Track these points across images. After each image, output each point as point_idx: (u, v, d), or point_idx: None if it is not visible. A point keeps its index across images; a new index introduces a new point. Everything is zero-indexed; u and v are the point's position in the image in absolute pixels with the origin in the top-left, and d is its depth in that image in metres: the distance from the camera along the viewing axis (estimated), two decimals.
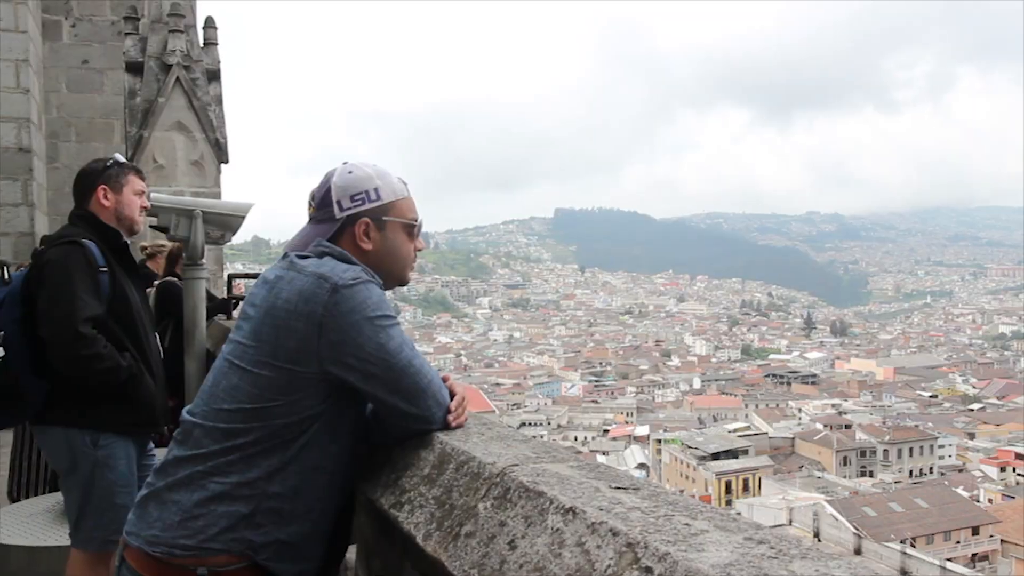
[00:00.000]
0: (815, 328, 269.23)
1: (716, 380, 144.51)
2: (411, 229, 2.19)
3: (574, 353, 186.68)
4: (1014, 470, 74.01)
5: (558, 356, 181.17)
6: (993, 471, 75.07)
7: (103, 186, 3.57)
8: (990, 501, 60.58)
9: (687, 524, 1.17)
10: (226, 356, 1.99)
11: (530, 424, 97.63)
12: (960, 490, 59.17)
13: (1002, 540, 47.09)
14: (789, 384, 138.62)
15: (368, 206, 2.10)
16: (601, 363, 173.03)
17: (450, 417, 2.08)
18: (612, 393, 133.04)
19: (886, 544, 39.72)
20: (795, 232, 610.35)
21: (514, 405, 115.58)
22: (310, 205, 2.17)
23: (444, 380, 2.13)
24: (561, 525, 1.27)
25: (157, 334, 4.08)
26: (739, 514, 49.20)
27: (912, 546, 40.68)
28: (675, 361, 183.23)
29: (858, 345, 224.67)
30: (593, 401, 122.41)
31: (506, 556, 1.34)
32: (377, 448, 2.18)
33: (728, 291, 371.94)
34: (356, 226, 2.10)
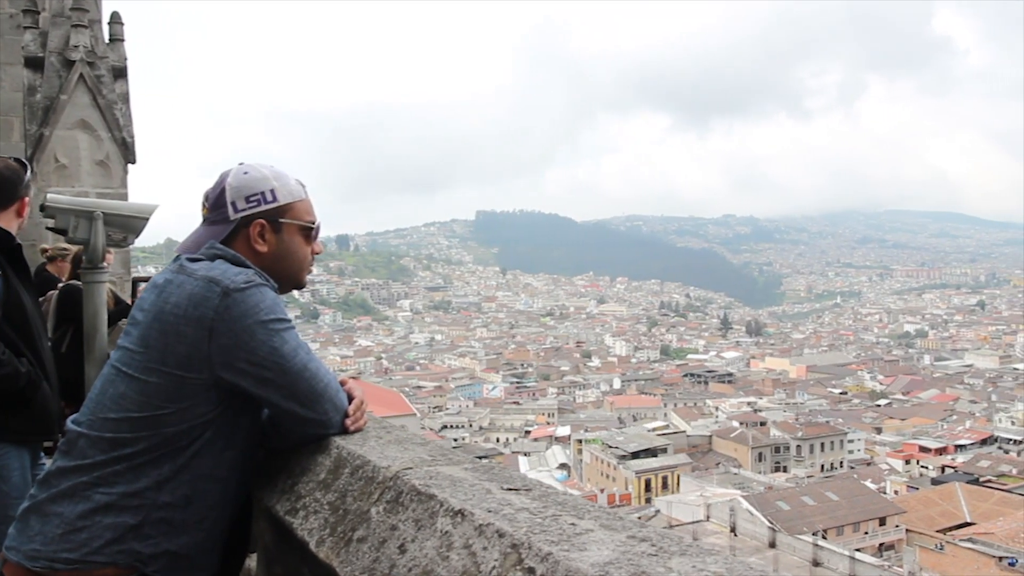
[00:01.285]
0: (731, 328, 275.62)
1: (636, 380, 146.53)
2: (308, 232, 2.16)
3: (495, 355, 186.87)
4: (918, 463, 77.23)
5: (479, 358, 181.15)
6: (899, 464, 78.19)
7: (26, 198, 3.44)
8: (896, 493, 63.02)
9: (573, 524, 1.19)
10: (113, 363, 1.93)
11: (452, 426, 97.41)
12: (868, 483, 61.32)
13: (907, 530, 49.02)
14: (706, 383, 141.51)
15: (264, 208, 2.05)
16: (522, 365, 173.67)
17: (348, 421, 2.03)
18: (533, 394, 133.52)
19: (799, 537, 40.83)
20: (712, 234, 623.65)
21: (436, 408, 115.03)
22: (203, 206, 2.12)
23: (342, 384, 2.10)
24: (450, 528, 1.29)
25: (55, 339, 3.91)
26: (658, 511, 50.01)
27: (823, 538, 41.90)
28: (595, 362, 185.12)
29: (772, 344, 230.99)
30: (515, 402, 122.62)
31: (396, 560, 1.36)
32: (274, 454, 2.15)
33: (647, 292, 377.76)
34: (251, 228, 2.05)
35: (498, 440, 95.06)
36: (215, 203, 2.07)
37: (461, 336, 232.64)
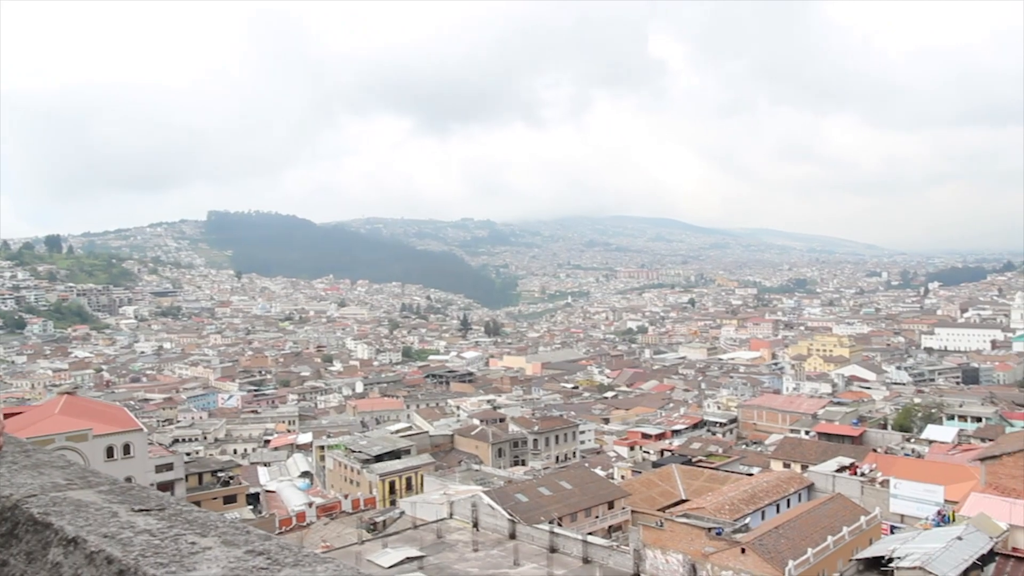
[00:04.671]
0: (471, 329, 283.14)
1: (378, 383, 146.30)
2: None
3: (231, 362, 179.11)
4: (641, 448, 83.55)
5: (214, 366, 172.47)
6: (624, 451, 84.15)
7: None
8: (623, 477, 67.79)
9: (193, 543, 1.18)
10: None
11: (184, 440, 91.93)
12: (598, 470, 65.51)
13: (632, 511, 52.95)
14: (448, 383, 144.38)
15: None
16: (260, 372, 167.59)
17: None
18: (273, 402, 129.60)
19: (537, 526, 42.62)
20: (451, 237, 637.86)
21: (165, 421, 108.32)
22: None
23: None
24: (61, 558, 1.23)
25: None
26: (402, 513, 50.05)
27: (559, 525, 44.04)
28: (337, 366, 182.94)
29: (509, 343, 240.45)
30: (253, 411, 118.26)
31: None
32: None
33: (388, 295, 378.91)
34: None
35: (235, 452, 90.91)
36: None
37: (193, 344, 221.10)
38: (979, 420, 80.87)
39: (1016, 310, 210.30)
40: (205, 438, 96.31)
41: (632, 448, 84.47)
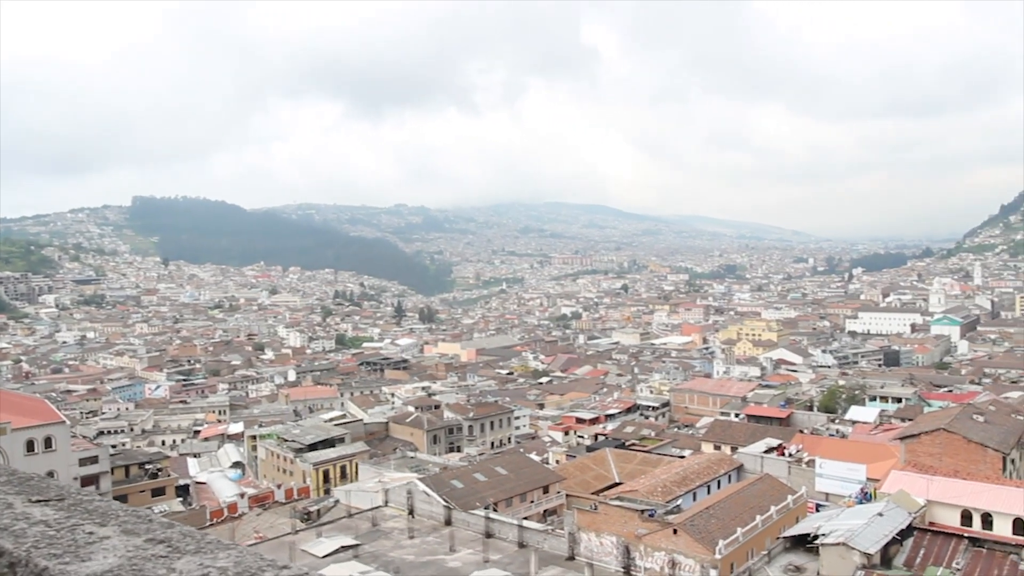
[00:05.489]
0: (405, 315, 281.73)
1: (311, 371, 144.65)
2: None
3: (158, 352, 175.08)
4: (575, 433, 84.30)
5: (140, 356, 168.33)
6: (559, 435, 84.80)
7: None
8: (557, 462, 68.34)
9: (91, 532, 1.18)
10: None
11: (109, 432, 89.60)
12: (533, 455, 65.91)
13: (567, 495, 53.39)
14: (382, 371, 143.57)
15: None
16: (189, 361, 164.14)
17: None
18: (202, 391, 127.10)
19: (472, 512, 42.71)
20: (385, 224, 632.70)
21: (90, 413, 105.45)
22: None
23: None
24: None
25: None
26: (337, 501, 49.60)
27: (495, 510, 44.21)
28: (269, 354, 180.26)
29: (444, 330, 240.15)
30: (182, 401, 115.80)
31: None
32: None
33: (321, 282, 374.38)
34: None
35: (164, 443, 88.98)
36: None
37: (118, 333, 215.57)
38: (899, 401, 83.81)
39: (934, 295, 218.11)
40: (132, 430, 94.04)
41: (566, 433, 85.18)
